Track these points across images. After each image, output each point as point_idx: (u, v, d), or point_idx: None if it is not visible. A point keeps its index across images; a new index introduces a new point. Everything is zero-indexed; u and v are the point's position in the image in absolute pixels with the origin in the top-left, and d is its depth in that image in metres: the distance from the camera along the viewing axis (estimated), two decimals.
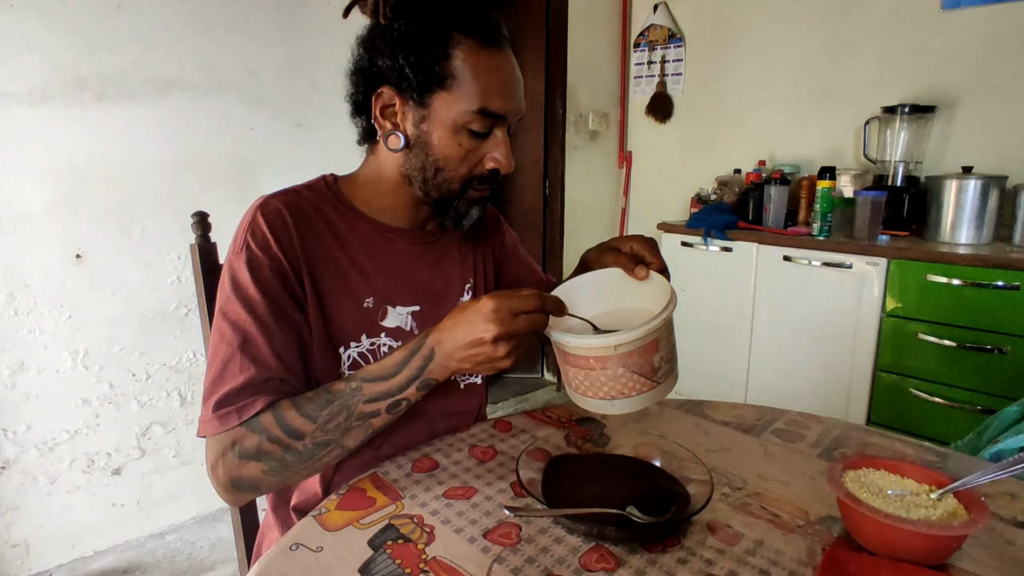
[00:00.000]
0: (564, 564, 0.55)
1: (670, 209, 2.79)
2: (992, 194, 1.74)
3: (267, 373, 0.66)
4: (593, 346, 0.60)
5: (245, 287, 0.68)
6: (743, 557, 0.56)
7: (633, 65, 2.88)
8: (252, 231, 0.70)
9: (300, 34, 1.88)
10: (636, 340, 0.59)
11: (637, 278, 0.70)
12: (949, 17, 1.95)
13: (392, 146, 0.73)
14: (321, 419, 0.64)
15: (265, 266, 0.69)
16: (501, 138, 0.73)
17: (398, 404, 0.66)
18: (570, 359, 0.62)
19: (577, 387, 0.64)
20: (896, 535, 0.52)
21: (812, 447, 0.78)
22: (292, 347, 0.69)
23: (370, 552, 0.56)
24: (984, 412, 1.60)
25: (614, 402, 0.62)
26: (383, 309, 0.77)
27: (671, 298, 0.63)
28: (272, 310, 0.68)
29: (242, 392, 0.64)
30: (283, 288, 0.70)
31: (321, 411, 0.64)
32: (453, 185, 0.74)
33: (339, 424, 0.64)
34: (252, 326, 0.67)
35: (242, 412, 0.64)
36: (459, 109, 0.69)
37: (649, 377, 0.61)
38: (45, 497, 1.64)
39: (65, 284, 1.59)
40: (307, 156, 1.93)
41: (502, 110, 0.70)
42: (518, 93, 0.73)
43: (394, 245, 0.80)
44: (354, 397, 0.65)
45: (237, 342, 0.66)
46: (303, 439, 0.64)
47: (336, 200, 0.78)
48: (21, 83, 1.48)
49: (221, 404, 0.64)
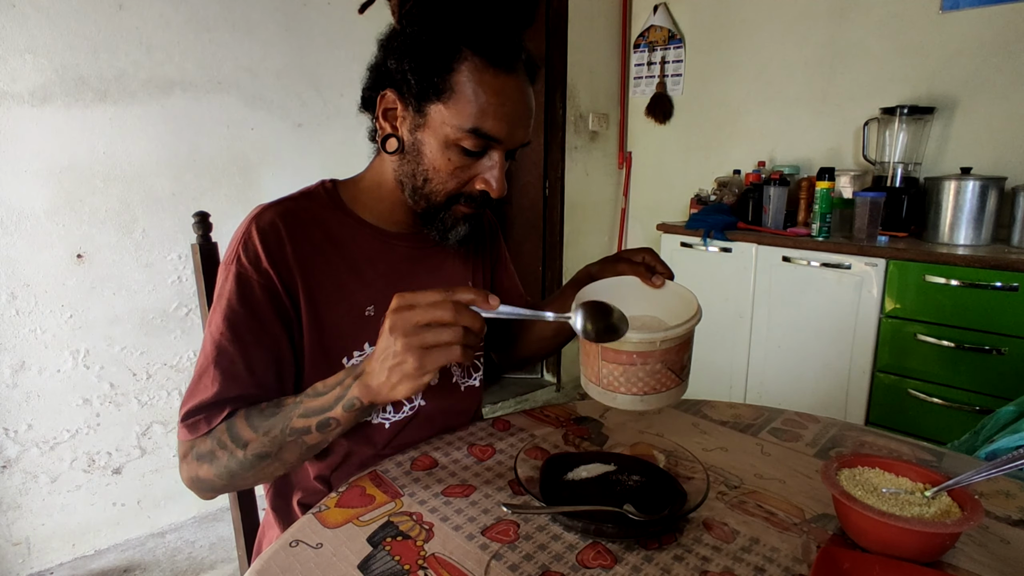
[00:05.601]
0: (561, 561, 0.55)
1: (670, 210, 2.80)
2: (991, 195, 1.75)
3: (237, 389, 0.68)
4: (641, 340, 0.60)
5: (229, 300, 0.69)
6: (739, 554, 0.56)
7: (633, 66, 2.88)
8: (244, 244, 0.71)
9: (301, 35, 1.88)
10: (679, 337, 0.61)
11: (654, 287, 0.73)
12: (948, 18, 1.96)
13: (388, 148, 0.74)
14: (262, 429, 0.65)
15: (253, 282, 0.70)
16: (496, 161, 0.71)
17: (327, 424, 0.63)
18: (609, 354, 0.62)
19: (610, 384, 0.63)
20: (890, 532, 0.52)
21: (809, 446, 0.79)
22: (267, 363, 0.70)
23: (369, 549, 0.57)
24: (982, 412, 1.60)
25: (645, 398, 0.63)
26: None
27: (696, 303, 0.67)
28: (252, 326, 0.69)
29: (212, 405, 0.67)
30: (269, 304, 0.70)
31: (264, 421, 0.65)
32: (438, 198, 0.73)
33: (275, 438, 0.64)
34: (229, 341, 0.68)
35: (210, 421, 0.67)
36: (453, 124, 0.68)
37: (678, 374, 0.63)
38: (46, 496, 1.64)
39: (66, 284, 1.60)
40: (308, 156, 1.93)
41: (496, 134, 0.68)
42: (520, 120, 0.70)
43: (394, 251, 0.80)
44: (292, 411, 0.64)
45: (213, 355, 0.68)
46: (246, 448, 0.65)
47: (335, 207, 0.78)
48: (23, 83, 1.49)
49: (191, 414, 0.68)
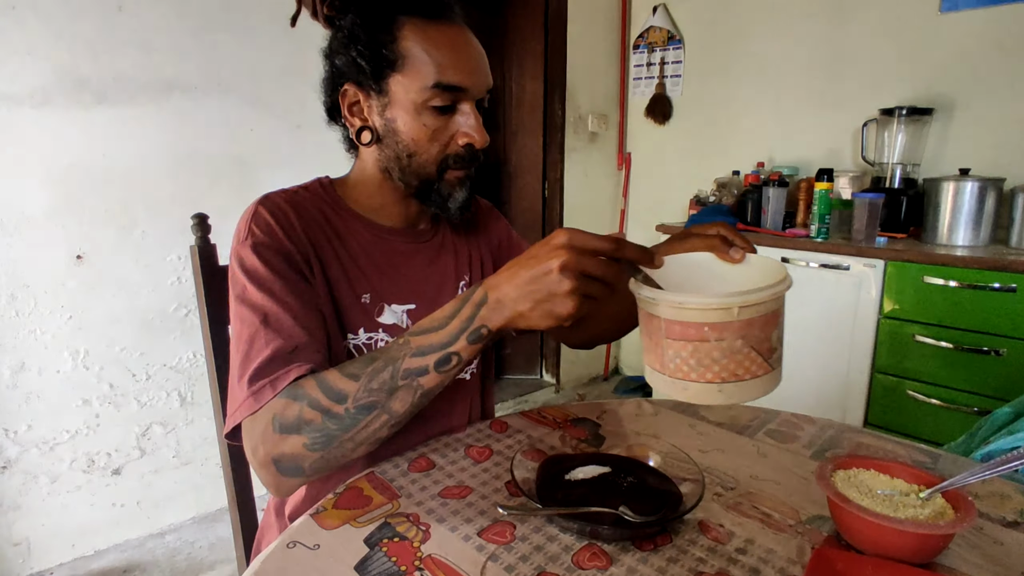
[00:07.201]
0: (557, 562, 0.55)
1: (669, 211, 2.80)
2: (989, 196, 1.75)
3: (295, 341, 0.64)
4: (710, 306, 0.49)
5: (256, 271, 0.68)
6: (734, 556, 0.56)
7: (632, 67, 2.89)
8: (256, 220, 0.71)
9: (300, 36, 1.86)
10: (761, 304, 0.49)
11: (733, 261, 0.63)
12: (947, 19, 1.96)
13: (364, 141, 0.74)
14: (364, 376, 0.59)
15: (272, 248, 0.69)
16: (468, 111, 0.72)
17: (448, 360, 0.59)
18: (674, 328, 0.51)
19: (677, 369, 0.52)
20: (884, 534, 0.52)
21: (805, 448, 0.79)
22: (313, 318, 0.68)
23: (366, 550, 0.57)
24: (980, 414, 1.60)
25: (723, 387, 0.51)
26: (380, 306, 0.78)
27: (785, 271, 0.55)
28: (288, 288, 0.68)
29: (272, 363, 0.62)
30: (292, 267, 0.70)
31: (365, 368, 0.60)
32: (429, 168, 0.74)
33: (384, 382, 0.59)
34: (271, 303, 0.66)
35: (276, 384, 0.61)
36: (416, 88, 0.69)
37: (766, 358, 0.52)
38: (46, 496, 1.65)
39: (66, 285, 1.60)
40: (307, 157, 1.94)
41: (459, 82, 0.70)
42: (476, 64, 0.71)
43: (388, 244, 0.81)
44: (400, 351, 0.59)
45: (259, 320, 0.65)
46: (345, 401, 0.59)
47: (332, 201, 0.80)
48: (23, 85, 1.49)
49: (254, 379, 0.62)
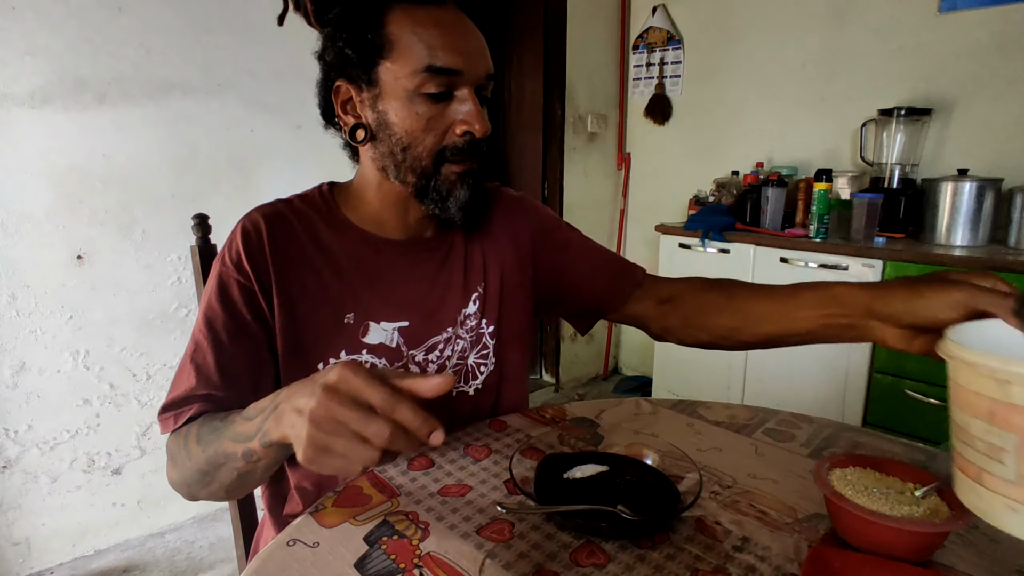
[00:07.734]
0: (555, 560, 0.56)
1: (668, 210, 2.81)
2: (988, 196, 1.75)
3: (205, 388, 0.68)
4: None
5: (210, 299, 0.70)
6: (731, 553, 0.57)
7: (632, 67, 2.89)
8: (230, 245, 0.72)
9: (299, 36, 1.87)
10: None
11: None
12: (946, 20, 1.96)
13: (358, 139, 0.72)
14: (203, 443, 0.61)
15: (233, 281, 0.70)
16: (466, 97, 0.68)
17: (250, 454, 0.56)
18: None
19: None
20: (879, 531, 0.53)
21: (803, 446, 0.79)
22: (243, 364, 0.70)
23: (365, 548, 0.57)
24: None
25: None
26: (364, 325, 0.74)
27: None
28: (229, 326, 0.69)
29: (181, 401, 0.68)
30: (247, 305, 0.70)
31: (208, 435, 0.61)
32: (424, 161, 0.70)
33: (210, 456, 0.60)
34: (205, 338, 0.69)
35: (177, 419, 0.67)
36: (406, 73, 0.66)
37: None
38: (46, 496, 1.65)
39: (66, 285, 1.61)
40: (307, 158, 1.94)
41: (453, 64, 0.66)
42: (470, 46, 0.68)
43: (383, 257, 0.77)
44: (227, 430, 0.59)
45: (191, 352, 0.69)
46: (192, 459, 0.62)
47: (328, 211, 0.77)
48: (22, 85, 1.49)
49: (164, 409, 0.68)
